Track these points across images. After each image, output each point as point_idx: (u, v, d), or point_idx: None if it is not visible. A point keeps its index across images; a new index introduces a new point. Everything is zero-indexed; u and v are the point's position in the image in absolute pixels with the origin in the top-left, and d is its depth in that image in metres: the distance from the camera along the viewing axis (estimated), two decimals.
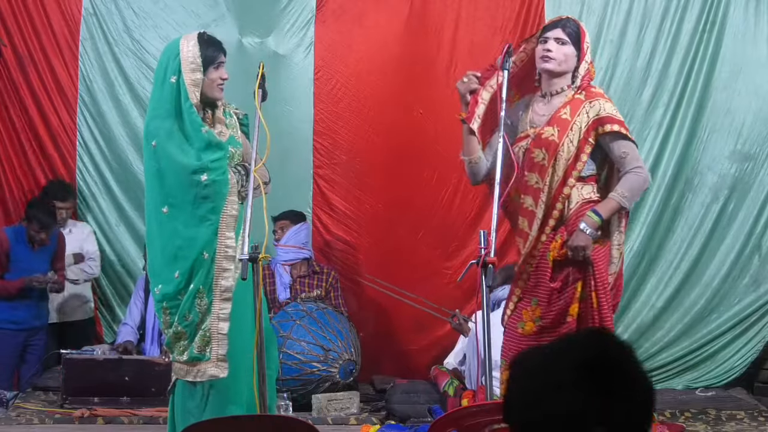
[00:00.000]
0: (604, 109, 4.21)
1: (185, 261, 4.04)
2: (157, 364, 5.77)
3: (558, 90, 4.28)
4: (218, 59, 4.11)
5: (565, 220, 4.23)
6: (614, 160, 4.24)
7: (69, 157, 6.62)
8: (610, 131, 4.18)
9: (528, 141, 4.26)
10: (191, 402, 4.12)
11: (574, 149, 4.18)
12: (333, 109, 6.59)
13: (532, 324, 4.25)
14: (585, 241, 4.12)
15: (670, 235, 6.63)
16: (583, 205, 4.22)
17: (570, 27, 4.28)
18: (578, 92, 4.27)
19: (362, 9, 6.61)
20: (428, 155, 6.53)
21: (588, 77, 4.32)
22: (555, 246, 4.19)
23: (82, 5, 6.52)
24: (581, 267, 4.19)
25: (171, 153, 4.04)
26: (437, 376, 5.81)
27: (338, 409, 5.65)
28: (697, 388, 6.47)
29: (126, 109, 6.57)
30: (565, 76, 4.28)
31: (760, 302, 6.58)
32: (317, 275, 6.32)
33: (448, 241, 6.56)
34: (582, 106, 4.21)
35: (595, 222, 4.13)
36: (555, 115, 4.23)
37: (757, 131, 6.61)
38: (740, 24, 6.58)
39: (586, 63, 4.29)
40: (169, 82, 4.04)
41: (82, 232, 6.52)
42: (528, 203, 4.25)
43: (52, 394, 5.93)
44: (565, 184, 4.20)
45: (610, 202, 4.17)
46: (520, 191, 4.29)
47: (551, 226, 4.21)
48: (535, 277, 4.27)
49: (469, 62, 6.53)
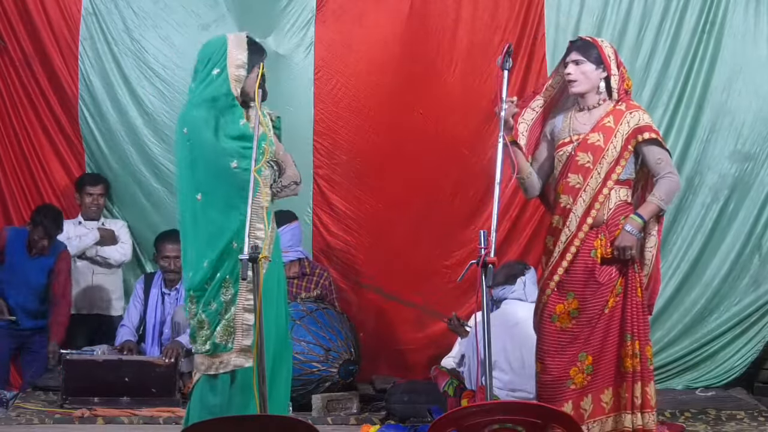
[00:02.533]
0: (643, 119, 4.48)
1: (214, 250, 4.06)
2: (157, 364, 5.77)
3: (595, 104, 4.53)
4: (262, 61, 4.17)
5: (605, 220, 4.45)
6: (650, 165, 4.50)
7: (69, 156, 6.62)
8: (649, 138, 4.45)
9: (572, 146, 4.50)
10: (213, 398, 4.10)
11: (616, 154, 4.44)
12: (333, 109, 6.59)
13: (568, 317, 4.46)
14: (631, 242, 4.39)
15: (670, 235, 6.64)
16: (620, 206, 4.46)
17: (582, 46, 4.52)
18: (618, 104, 4.52)
19: (362, 9, 6.61)
20: (428, 155, 6.53)
21: (624, 89, 4.55)
22: (601, 244, 4.43)
23: (81, 5, 6.52)
24: (623, 265, 4.44)
25: (203, 139, 4.07)
26: (437, 376, 5.81)
27: (338, 409, 5.65)
28: (697, 388, 6.47)
29: (125, 108, 6.56)
30: (595, 91, 4.52)
31: (760, 302, 6.59)
32: (307, 276, 6.29)
33: (447, 241, 6.56)
34: (624, 116, 4.47)
35: (639, 224, 4.40)
36: (599, 123, 4.48)
37: (757, 131, 6.61)
38: (740, 24, 6.58)
39: (615, 76, 4.52)
40: (212, 75, 4.10)
41: (116, 225, 6.57)
42: (565, 201, 4.48)
43: (52, 394, 5.94)
44: (605, 185, 4.45)
45: (650, 205, 4.45)
46: (560, 191, 4.52)
47: (589, 224, 4.43)
48: (573, 272, 4.46)
49: (469, 62, 6.55)
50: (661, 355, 6.60)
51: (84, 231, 6.48)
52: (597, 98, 4.53)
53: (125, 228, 6.58)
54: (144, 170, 6.61)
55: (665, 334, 6.62)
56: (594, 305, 4.44)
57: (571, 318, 4.46)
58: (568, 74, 4.50)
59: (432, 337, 6.52)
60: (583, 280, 4.45)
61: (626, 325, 4.43)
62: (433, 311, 6.18)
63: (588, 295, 4.45)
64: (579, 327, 4.45)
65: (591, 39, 4.59)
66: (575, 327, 4.45)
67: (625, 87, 4.56)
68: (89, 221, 6.50)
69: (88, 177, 6.53)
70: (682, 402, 6.12)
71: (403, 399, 5.63)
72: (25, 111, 6.56)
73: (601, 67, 4.49)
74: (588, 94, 4.52)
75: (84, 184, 6.49)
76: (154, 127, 6.55)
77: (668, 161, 4.52)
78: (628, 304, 4.43)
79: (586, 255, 4.44)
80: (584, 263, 4.45)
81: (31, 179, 6.62)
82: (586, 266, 4.45)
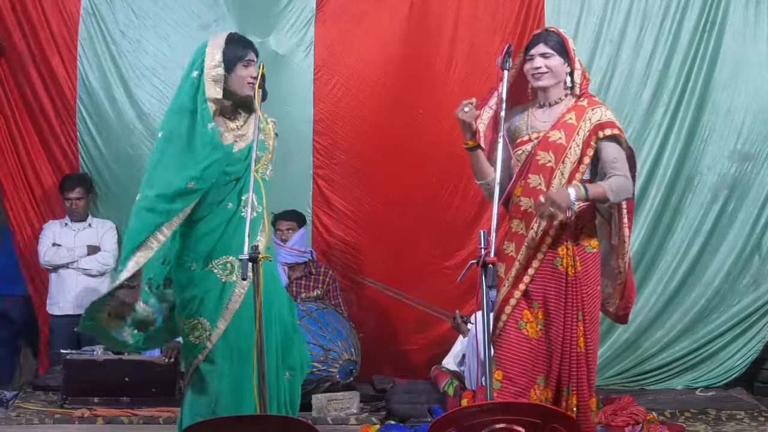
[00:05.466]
0: (606, 115, 4.24)
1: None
2: (157, 364, 5.77)
3: (557, 99, 4.30)
4: (247, 57, 4.11)
5: (569, 224, 4.19)
6: (604, 163, 4.21)
7: (68, 156, 6.62)
8: (610, 135, 4.20)
9: (532, 145, 4.27)
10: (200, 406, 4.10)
11: (579, 153, 4.21)
12: (333, 109, 6.59)
13: (535, 326, 4.22)
14: (561, 200, 4.02)
15: (670, 235, 6.64)
16: (583, 208, 4.18)
17: (551, 39, 4.29)
18: (580, 99, 4.30)
19: (362, 9, 6.61)
20: (428, 155, 6.53)
21: (585, 84, 4.34)
22: (567, 254, 4.17)
23: (80, 5, 6.51)
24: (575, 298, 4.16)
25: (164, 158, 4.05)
26: (437, 376, 5.81)
27: (338, 409, 5.65)
28: (697, 388, 6.47)
29: (124, 108, 6.56)
30: (559, 86, 4.29)
31: (760, 302, 6.59)
32: (313, 276, 6.33)
33: (448, 241, 6.56)
34: (585, 112, 4.24)
35: (580, 193, 4.07)
36: (560, 120, 4.25)
37: (757, 131, 6.61)
38: (740, 24, 6.58)
39: (578, 70, 4.31)
40: (191, 78, 4.07)
41: (103, 227, 6.54)
42: (526, 204, 4.25)
43: (52, 394, 5.94)
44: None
45: (598, 188, 4.12)
46: (520, 194, 4.29)
47: (555, 227, 4.19)
48: (539, 281, 4.22)
49: (469, 62, 6.55)
50: (661, 355, 6.61)
51: (71, 234, 6.45)
52: (560, 93, 4.29)
53: (113, 230, 6.53)
54: (142, 171, 6.57)
55: (665, 334, 6.63)
56: (557, 322, 4.18)
57: (539, 330, 4.21)
58: (537, 68, 4.24)
59: (432, 338, 6.52)
60: (548, 291, 4.20)
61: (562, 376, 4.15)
62: (436, 309, 6.18)
63: (551, 309, 4.20)
64: (541, 344, 4.20)
65: (557, 31, 4.36)
66: (539, 342, 4.20)
67: (587, 82, 4.33)
68: (76, 222, 6.48)
69: (67, 181, 6.46)
70: (682, 402, 6.12)
71: (403, 399, 5.63)
72: (25, 111, 6.56)
73: (567, 61, 4.27)
74: (552, 89, 4.27)
75: (62, 188, 6.45)
76: (152, 128, 6.53)
77: (624, 163, 4.20)
78: (568, 351, 4.14)
79: (551, 264, 4.20)
80: (550, 273, 4.20)
81: (25, 180, 6.61)
82: (552, 276, 4.20)
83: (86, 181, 6.51)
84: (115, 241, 6.51)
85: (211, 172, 3.98)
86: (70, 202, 6.42)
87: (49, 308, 6.44)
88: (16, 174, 6.59)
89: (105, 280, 6.49)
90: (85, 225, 6.48)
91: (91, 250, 6.42)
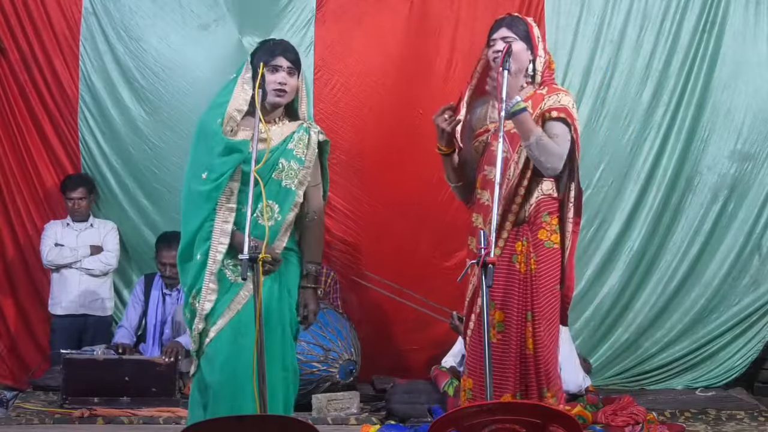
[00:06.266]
0: (560, 101, 4.10)
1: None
2: (157, 364, 5.77)
3: (518, 88, 4.16)
4: (272, 62, 4.10)
5: (526, 217, 4.12)
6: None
7: (71, 156, 6.62)
8: (556, 117, 4.06)
9: (488, 135, 4.19)
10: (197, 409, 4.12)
11: None
12: (333, 109, 6.59)
13: (494, 330, 4.14)
14: (511, 92, 3.93)
15: (670, 235, 6.64)
16: (542, 201, 4.16)
17: (515, 24, 4.20)
18: (540, 88, 4.19)
19: (362, 9, 6.61)
20: (428, 155, 6.47)
21: (549, 72, 4.22)
22: (523, 250, 4.09)
23: (82, 5, 6.51)
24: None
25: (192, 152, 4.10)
26: (437, 376, 5.81)
27: (338, 409, 5.65)
28: (697, 388, 6.47)
29: (126, 108, 6.56)
30: (522, 73, 4.17)
31: (760, 302, 6.59)
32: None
33: (447, 241, 6.55)
34: (543, 100, 4.14)
35: (519, 105, 3.96)
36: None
37: (757, 131, 6.61)
38: (740, 24, 6.58)
39: (541, 58, 4.19)
40: (231, 78, 4.13)
41: (104, 227, 6.55)
42: (485, 198, 4.17)
43: (52, 394, 5.94)
44: (524, 177, 4.11)
45: (533, 124, 4.01)
46: (478, 186, 4.23)
47: (511, 221, 4.11)
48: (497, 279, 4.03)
49: (469, 62, 6.51)
50: (661, 355, 6.61)
51: (73, 234, 6.45)
52: (521, 81, 4.15)
53: (114, 231, 6.54)
54: (144, 170, 6.60)
55: (665, 334, 6.63)
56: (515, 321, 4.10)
57: (497, 332, 4.14)
58: (498, 52, 4.07)
59: (432, 338, 6.52)
60: (506, 289, 4.11)
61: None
62: (435, 306, 6.17)
63: (507, 309, 4.11)
64: (504, 343, 4.11)
65: (520, 16, 4.29)
66: (501, 342, 4.12)
67: (550, 70, 4.21)
68: (77, 222, 6.48)
69: (68, 181, 6.47)
70: (682, 402, 6.12)
71: (403, 399, 5.63)
72: (27, 111, 6.55)
73: (530, 48, 4.15)
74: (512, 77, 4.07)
75: (64, 188, 6.46)
76: (154, 127, 6.54)
77: (565, 142, 4.01)
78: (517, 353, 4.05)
79: (508, 260, 4.12)
80: (507, 270, 4.11)
81: (28, 180, 6.61)
82: (508, 274, 4.11)
83: (88, 181, 6.52)
84: (117, 242, 6.52)
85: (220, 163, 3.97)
86: (72, 202, 6.42)
87: (51, 308, 6.44)
88: (17, 174, 6.59)
89: (107, 280, 6.50)
90: (86, 225, 6.49)
91: (94, 250, 6.43)
